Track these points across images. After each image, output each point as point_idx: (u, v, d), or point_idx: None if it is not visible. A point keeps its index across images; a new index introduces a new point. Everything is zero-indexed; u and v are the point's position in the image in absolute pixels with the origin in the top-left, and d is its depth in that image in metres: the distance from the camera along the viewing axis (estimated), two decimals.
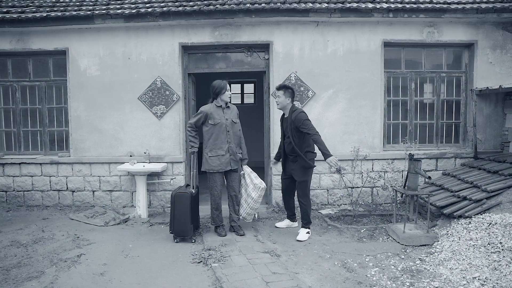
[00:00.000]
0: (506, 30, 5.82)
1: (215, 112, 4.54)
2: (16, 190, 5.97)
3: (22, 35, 5.83)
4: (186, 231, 4.40)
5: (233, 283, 3.34)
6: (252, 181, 4.61)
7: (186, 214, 4.38)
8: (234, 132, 4.61)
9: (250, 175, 4.67)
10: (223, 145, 4.51)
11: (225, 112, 4.59)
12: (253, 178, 4.63)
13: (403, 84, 6.02)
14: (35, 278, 3.47)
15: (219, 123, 4.50)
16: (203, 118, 4.53)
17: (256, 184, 4.56)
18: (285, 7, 5.39)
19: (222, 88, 4.53)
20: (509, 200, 4.28)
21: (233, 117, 4.66)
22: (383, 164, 5.71)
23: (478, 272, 3.33)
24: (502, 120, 5.90)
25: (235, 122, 4.66)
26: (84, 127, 5.87)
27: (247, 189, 4.65)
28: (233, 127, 4.62)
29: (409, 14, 5.54)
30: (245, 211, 4.68)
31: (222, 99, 4.57)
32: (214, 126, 4.50)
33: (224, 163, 4.51)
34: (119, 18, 5.54)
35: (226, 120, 4.56)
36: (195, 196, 4.68)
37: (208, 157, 4.52)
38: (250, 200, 4.60)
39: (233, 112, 4.70)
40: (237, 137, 4.66)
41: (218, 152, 4.50)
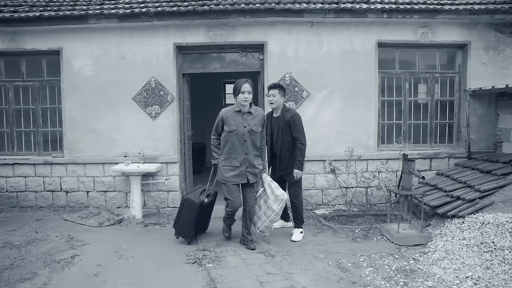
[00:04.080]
0: (499, 31, 5.87)
1: (231, 117, 4.01)
2: (9, 191, 5.92)
3: (15, 35, 5.79)
4: (186, 234, 4.33)
5: (228, 283, 3.34)
6: (273, 192, 4.15)
7: (190, 221, 4.26)
8: (253, 142, 4.03)
9: (270, 186, 4.20)
10: (239, 155, 4.01)
11: (244, 118, 4.00)
12: (274, 188, 4.16)
13: (397, 84, 6.05)
14: (28, 280, 3.45)
15: (234, 130, 3.97)
16: (221, 123, 4.06)
17: (278, 196, 4.10)
18: (280, 7, 5.40)
19: (237, 88, 3.95)
20: (501, 200, 4.32)
21: (254, 124, 4.02)
22: (378, 164, 5.73)
23: (471, 271, 3.36)
24: (495, 120, 5.94)
25: (255, 131, 4.02)
26: (78, 127, 5.83)
27: (268, 201, 4.17)
28: (252, 136, 4.02)
29: (403, 14, 5.57)
30: (264, 224, 4.25)
31: (238, 102, 4.00)
32: (230, 133, 3.99)
33: (238, 175, 4.03)
34: (113, 18, 5.51)
35: (244, 128, 3.98)
36: (207, 205, 4.47)
37: (222, 166, 4.08)
38: (270, 213, 4.15)
39: (256, 119, 4.04)
40: (256, 148, 4.09)
41: (232, 162, 4.02)
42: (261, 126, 4.07)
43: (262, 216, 4.25)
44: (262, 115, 4.13)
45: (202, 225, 4.61)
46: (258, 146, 4.11)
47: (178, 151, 5.91)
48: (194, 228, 4.31)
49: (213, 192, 4.53)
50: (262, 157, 4.19)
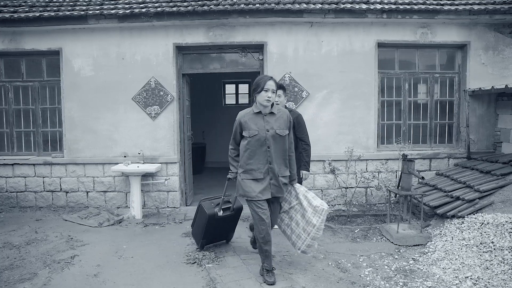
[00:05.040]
0: (498, 32, 5.87)
1: (251, 120, 3.39)
2: (9, 191, 5.92)
3: (14, 35, 5.79)
4: (197, 240, 4.17)
5: (227, 283, 3.35)
6: (310, 204, 3.50)
7: (201, 229, 4.03)
8: (278, 148, 3.38)
9: (306, 196, 3.56)
10: (261, 165, 3.35)
11: (266, 120, 3.37)
12: (310, 199, 3.52)
13: (397, 84, 6.06)
14: (27, 280, 3.45)
15: (255, 135, 3.34)
16: (239, 129, 3.46)
17: (317, 207, 3.43)
18: (279, 7, 5.40)
19: (259, 85, 3.34)
20: (501, 200, 4.32)
21: (278, 127, 3.38)
22: (377, 164, 5.74)
23: (470, 271, 3.36)
24: (494, 121, 5.95)
25: (281, 134, 3.37)
26: (78, 127, 5.84)
27: (305, 214, 3.51)
28: (277, 141, 3.36)
29: (402, 15, 5.57)
30: (305, 243, 3.54)
31: (259, 102, 3.38)
32: (250, 139, 3.36)
33: (261, 189, 3.33)
34: (113, 19, 5.52)
35: (267, 131, 3.34)
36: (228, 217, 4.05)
37: (242, 179, 3.41)
38: (310, 229, 3.46)
39: (280, 120, 3.41)
40: (282, 155, 3.43)
41: (254, 174, 3.36)
42: (287, 128, 3.43)
43: (301, 233, 3.58)
44: (288, 116, 3.49)
45: (219, 236, 4.25)
46: (286, 153, 3.45)
47: (178, 151, 5.91)
48: (204, 237, 4.04)
49: (236, 207, 4.08)
50: (291, 164, 3.54)
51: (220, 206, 3.97)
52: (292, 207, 3.69)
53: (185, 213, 5.72)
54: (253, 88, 3.39)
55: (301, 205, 3.58)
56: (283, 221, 3.79)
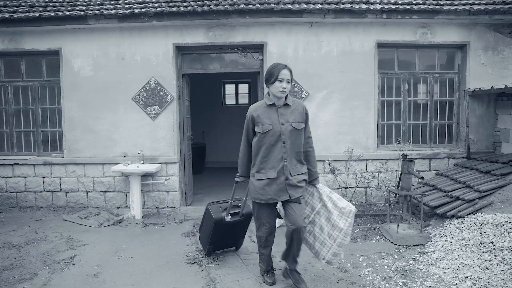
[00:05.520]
0: (498, 32, 5.88)
1: (264, 114, 3.10)
2: (9, 191, 5.92)
3: (14, 35, 5.79)
4: (203, 246, 3.97)
5: (227, 283, 3.35)
6: (335, 205, 3.15)
7: (207, 235, 3.82)
8: (294, 144, 3.10)
9: (331, 197, 3.21)
10: (276, 163, 3.06)
11: (281, 113, 3.09)
12: (335, 200, 3.18)
13: (397, 84, 6.06)
14: (27, 280, 3.45)
15: (269, 130, 3.05)
16: (251, 124, 3.15)
17: (343, 209, 3.09)
18: (279, 8, 5.40)
19: (273, 74, 3.05)
20: (500, 200, 4.32)
21: (294, 120, 3.10)
22: (377, 164, 5.74)
23: (470, 271, 3.36)
24: (494, 121, 5.95)
25: (297, 128, 3.10)
26: (78, 127, 5.84)
27: (331, 217, 3.16)
28: (293, 136, 3.08)
29: (402, 15, 5.57)
30: (331, 251, 3.17)
31: (273, 93, 3.10)
32: (263, 135, 3.06)
33: (275, 190, 3.08)
34: (113, 19, 5.52)
35: (282, 125, 3.06)
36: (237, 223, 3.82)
37: (256, 180, 3.13)
38: (336, 234, 3.11)
39: (295, 113, 3.13)
40: (298, 151, 3.14)
41: (267, 173, 3.08)
42: (303, 121, 3.15)
43: (326, 240, 3.19)
44: (303, 107, 3.21)
45: (227, 242, 4.04)
46: (301, 149, 3.16)
47: (178, 152, 5.91)
48: (211, 243, 3.83)
49: (245, 212, 3.82)
50: (310, 161, 3.25)
51: (227, 211, 3.72)
52: (315, 211, 3.27)
53: (185, 213, 5.72)
54: (266, 78, 3.11)
55: (326, 207, 3.21)
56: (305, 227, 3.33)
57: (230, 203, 3.71)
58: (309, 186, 3.31)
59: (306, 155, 3.23)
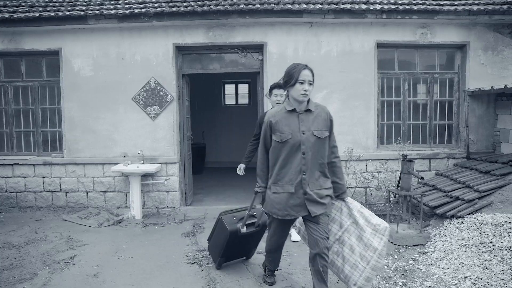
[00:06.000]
0: (498, 32, 5.88)
1: (283, 120, 2.78)
2: (9, 191, 5.92)
3: (14, 35, 5.79)
4: (214, 257, 3.72)
5: (227, 283, 3.35)
6: (368, 222, 2.76)
7: (219, 247, 3.57)
8: (317, 154, 2.75)
9: (362, 213, 2.81)
10: (293, 176, 2.74)
11: (302, 119, 2.76)
12: (368, 216, 2.78)
13: (397, 84, 6.06)
14: (27, 280, 3.45)
15: (288, 140, 2.73)
16: (269, 131, 2.84)
17: (378, 226, 2.70)
18: (279, 8, 5.40)
19: (292, 76, 2.73)
20: (500, 200, 4.33)
21: (317, 128, 2.77)
22: (377, 164, 5.74)
23: (469, 271, 3.37)
24: (494, 121, 5.96)
25: (319, 137, 2.75)
26: (78, 127, 5.84)
27: (363, 236, 2.75)
28: (315, 145, 2.74)
29: (402, 15, 5.58)
30: (363, 275, 2.74)
31: (294, 97, 2.76)
32: (281, 144, 2.75)
33: (292, 206, 2.75)
34: (113, 19, 5.52)
35: (303, 134, 2.72)
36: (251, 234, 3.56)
37: (272, 193, 2.83)
38: (370, 255, 2.70)
39: (319, 119, 2.81)
40: (321, 162, 2.78)
41: (284, 187, 2.76)
42: (326, 128, 2.81)
43: (358, 262, 2.77)
44: (327, 113, 2.89)
45: (238, 253, 3.79)
46: (324, 160, 2.81)
47: (178, 152, 5.91)
48: (223, 255, 3.59)
49: (261, 222, 3.55)
50: (336, 173, 2.90)
51: (244, 222, 3.45)
52: (344, 229, 2.87)
53: (185, 213, 5.73)
54: (285, 81, 2.79)
55: (357, 224, 2.79)
56: (330, 249, 2.89)
57: (248, 214, 3.44)
58: (337, 201, 2.94)
59: (332, 166, 2.88)
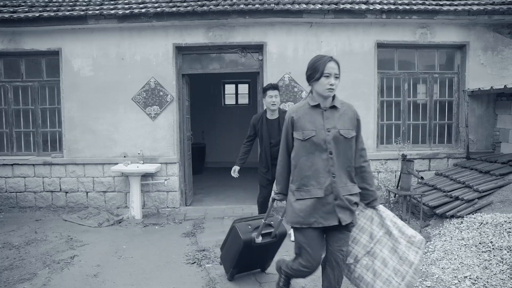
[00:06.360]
0: (497, 32, 5.88)
1: (306, 116, 2.51)
2: (9, 191, 5.92)
3: (14, 35, 5.79)
4: (226, 268, 3.48)
5: (227, 283, 3.35)
6: (402, 233, 2.47)
7: (232, 256, 3.34)
8: (344, 156, 2.47)
9: (395, 223, 2.52)
10: (322, 178, 2.43)
11: (326, 116, 2.48)
12: (401, 227, 2.50)
13: (396, 84, 6.07)
14: (27, 280, 3.45)
15: (311, 137, 2.44)
16: (291, 129, 2.55)
17: (413, 237, 2.44)
18: (279, 8, 5.40)
19: (317, 69, 2.46)
20: (499, 200, 4.33)
21: (343, 126, 2.48)
22: (377, 164, 5.74)
23: (469, 271, 3.37)
24: (493, 121, 5.96)
25: (346, 136, 2.46)
26: (78, 127, 5.84)
27: (397, 248, 2.45)
28: (341, 146, 2.46)
29: (402, 15, 5.58)
30: None
31: (318, 92, 2.50)
32: (304, 143, 2.46)
33: (321, 212, 2.42)
34: (113, 19, 5.52)
35: (328, 131, 2.44)
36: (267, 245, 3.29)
37: (295, 200, 2.48)
38: (405, 269, 2.40)
39: (345, 117, 2.52)
40: (347, 165, 2.49)
41: (311, 191, 2.44)
42: (353, 128, 2.52)
43: (391, 278, 2.45)
44: (354, 112, 2.59)
45: (253, 264, 3.55)
46: (351, 162, 2.51)
47: (178, 152, 5.91)
48: (236, 266, 3.35)
49: (279, 233, 3.29)
50: (366, 178, 2.57)
51: (259, 231, 3.18)
52: (376, 240, 2.54)
53: (185, 213, 5.73)
54: (309, 74, 2.52)
55: (390, 234, 2.48)
56: (358, 262, 2.59)
57: (264, 223, 3.18)
58: (367, 209, 2.62)
59: (360, 171, 2.56)
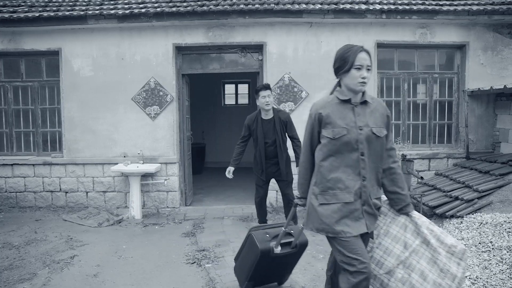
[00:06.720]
0: (497, 32, 5.89)
1: (336, 112, 2.24)
2: (9, 191, 5.92)
3: (14, 35, 5.79)
4: (240, 280, 3.18)
5: (227, 283, 3.35)
6: (441, 242, 2.18)
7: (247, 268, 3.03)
8: (376, 157, 2.24)
9: (432, 230, 2.22)
10: (351, 182, 2.20)
11: (358, 113, 2.23)
12: (440, 235, 2.20)
13: (396, 84, 6.07)
14: (27, 280, 3.45)
15: (343, 136, 2.18)
16: (317, 127, 2.28)
17: (454, 247, 2.15)
18: (279, 8, 5.41)
19: (346, 60, 2.18)
20: (499, 200, 4.33)
21: (375, 123, 2.24)
22: None
23: (469, 271, 3.37)
24: (493, 121, 5.96)
25: (378, 135, 2.22)
26: (78, 127, 5.84)
27: (437, 259, 2.16)
28: (373, 145, 2.22)
29: (402, 15, 5.58)
30: None
31: (348, 86, 2.22)
32: (334, 141, 2.20)
33: (349, 219, 2.19)
34: (113, 19, 5.52)
35: (360, 130, 2.19)
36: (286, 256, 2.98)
37: (320, 205, 2.24)
38: (448, 283, 2.13)
39: (376, 114, 2.27)
40: (376, 167, 2.26)
41: (338, 196, 2.20)
42: (385, 126, 2.28)
43: None
44: (385, 108, 2.33)
45: (270, 277, 3.23)
46: (380, 164, 2.28)
47: (178, 152, 5.91)
48: (252, 279, 3.04)
49: (299, 242, 3.00)
50: (397, 181, 2.31)
51: (278, 240, 2.89)
52: (412, 250, 2.23)
53: (185, 213, 5.73)
54: (337, 66, 2.24)
55: (428, 243, 2.19)
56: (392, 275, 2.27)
57: (284, 231, 2.88)
58: (399, 216, 2.33)
59: (390, 173, 2.31)
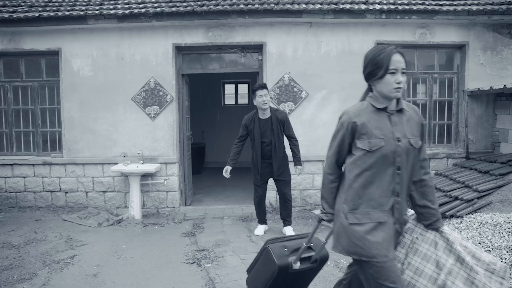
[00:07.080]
0: (497, 32, 5.89)
1: (372, 121, 1.99)
2: (8, 191, 5.92)
3: (13, 35, 5.79)
4: None
5: (226, 283, 3.35)
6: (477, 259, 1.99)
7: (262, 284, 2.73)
8: (410, 170, 2.03)
9: (467, 247, 2.03)
10: (384, 199, 1.98)
11: (394, 122, 2.00)
12: (474, 252, 2.01)
13: None
14: (27, 280, 3.45)
15: (380, 148, 1.94)
16: (349, 138, 2.05)
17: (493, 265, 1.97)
18: (279, 8, 5.41)
19: (378, 64, 1.93)
20: (499, 200, 4.33)
21: (412, 134, 2.03)
22: None
23: None
24: (493, 121, 5.96)
25: (415, 146, 2.01)
26: (77, 127, 5.84)
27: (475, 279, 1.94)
28: (409, 158, 2.00)
29: (401, 15, 5.58)
30: None
31: (382, 92, 1.97)
32: (371, 154, 1.96)
33: (384, 241, 1.95)
34: (112, 19, 5.52)
35: (398, 141, 1.96)
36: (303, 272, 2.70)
37: (348, 224, 1.99)
38: None
39: (412, 122, 2.06)
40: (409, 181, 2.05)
41: (371, 215, 1.97)
42: (419, 135, 2.08)
43: None
44: (419, 115, 2.15)
45: None
46: (411, 177, 2.06)
47: (177, 152, 5.91)
48: None
49: (320, 257, 2.71)
50: (428, 195, 2.08)
51: (298, 256, 2.62)
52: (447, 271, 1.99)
53: (185, 213, 5.73)
54: (369, 71, 1.99)
55: (463, 262, 1.98)
56: None
57: (305, 246, 2.61)
58: (428, 231, 2.09)
59: (421, 185, 2.09)
